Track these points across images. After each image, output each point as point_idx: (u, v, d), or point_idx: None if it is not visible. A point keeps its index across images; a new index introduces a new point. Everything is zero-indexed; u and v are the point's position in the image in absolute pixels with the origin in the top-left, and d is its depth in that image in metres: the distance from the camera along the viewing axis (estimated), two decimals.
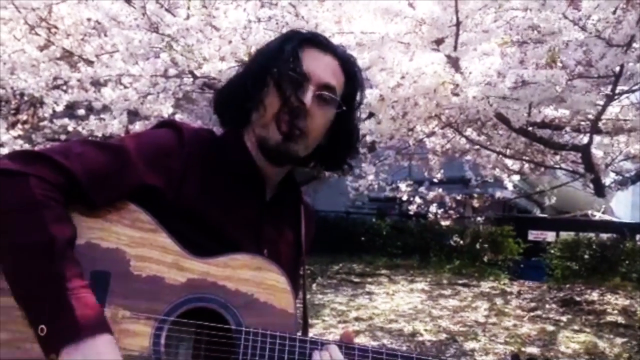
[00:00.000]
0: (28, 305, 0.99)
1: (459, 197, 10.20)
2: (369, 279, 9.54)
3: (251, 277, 1.15)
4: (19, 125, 6.93)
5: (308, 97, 1.19)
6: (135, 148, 1.14)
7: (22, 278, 0.99)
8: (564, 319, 7.37)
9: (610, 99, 5.04)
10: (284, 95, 1.18)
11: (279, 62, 1.19)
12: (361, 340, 6.23)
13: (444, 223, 10.68)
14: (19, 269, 0.99)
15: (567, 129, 6.03)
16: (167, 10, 4.68)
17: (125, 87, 4.94)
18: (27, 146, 5.83)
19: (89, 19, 4.96)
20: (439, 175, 9.01)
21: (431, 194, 9.62)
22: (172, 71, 4.93)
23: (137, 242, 1.11)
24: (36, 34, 5.25)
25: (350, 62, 1.29)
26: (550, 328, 6.95)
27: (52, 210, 1.01)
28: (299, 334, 1.18)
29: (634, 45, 4.17)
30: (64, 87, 5.30)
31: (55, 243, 0.99)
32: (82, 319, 0.97)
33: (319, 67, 1.22)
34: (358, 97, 1.30)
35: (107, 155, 1.11)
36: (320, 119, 1.22)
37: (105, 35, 4.95)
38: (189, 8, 4.70)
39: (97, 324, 0.99)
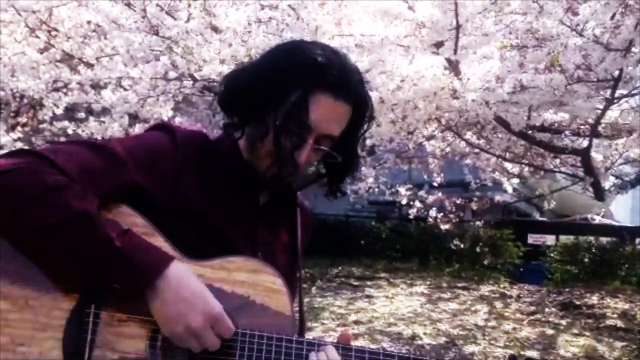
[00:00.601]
0: (87, 274, 1.04)
1: (458, 201, 10.20)
2: (369, 282, 9.53)
3: (247, 279, 1.15)
4: (19, 128, 6.93)
5: (304, 156, 1.17)
6: (125, 148, 1.14)
7: (69, 256, 1.03)
8: (563, 322, 7.36)
9: (609, 102, 5.04)
10: (280, 151, 1.16)
11: (285, 106, 1.14)
12: (360, 343, 6.22)
13: (444, 226, 10.68)
14: (60, 249, 1.02)
15: (567, 132, 6.03)
16: (167, 13, 4.69)
17: (125, 89, 4.94)
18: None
19: (89, 22, 4.96)
20: (438, 179, 9.01)
21: (431, 198, 9.62)
22: (172, 74, 4.94)
23: None
24: (36, 36, 5.26)
25: (364, 104, 1.22)
26: (550, 332, 6.94)
27: (69, 188, 1.03)
28: (296, 335, 1.18)
29: (633, 49, 4.17)
30: (64, 90, 5.31)
31: (88, 212, 1.03)
32: (146, 265, 1.04)
33: (326, 118, 1.16)
34: (363, 129, 1.26)
35: (96, 154, 1.11)
36: (312, 158, 1.22)
37: (106, 38, 4.96)
38: (189, 9, 4.70)
39: (160, 261, 1.06)
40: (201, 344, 1.06)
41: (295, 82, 1.14)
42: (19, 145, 5.79)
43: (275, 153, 1.17)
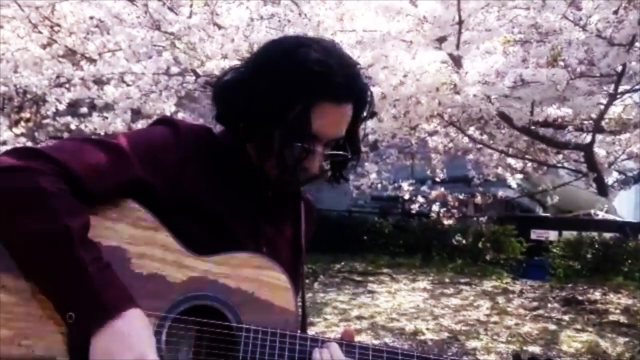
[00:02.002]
0: (52, 294, 1.01)
1: (461, 196, 10.18)
2: (371, 278, 9.53)
3: (251, 275, 1.15)
4: (22, 123, 6.95)
5: (316, 166, 1.18)
6: (129, 144, 1.13)
7: (43, 268, 1.01)
8: (566, 318, 7.35)
9: (612, 98, 5.03)
10: (289, 167, 1.16)
11: (288, 121, 1.13)
12: (363, 338, 6.23)
13: (447, 222, 10.66)
14: (38, 259, 1.00)
15: (570, 128, 6.02)
16: (169, 8, 4.69)
17: (128, 85, 4.95)
18: (29, 144, 5.83)
19: (91, 17, 4.97)
20: (441, 174, 9.00)
21: (433, 193, 9.61)
22: (174, 69, 4.94)
23: (138, 240, 1.11)
24: (39, 32, 5.26)
25: (364, 96, 1.21)
26: (553, 327, 6.94)
27: (61, 198, 1.02)
28: (299, 332, 1.19)
29: (636, 44, 4.16)
30: (67, 85, 5.31)
31: (71, 230, 1.00)
32: (108, 300, 1.00)
33: (332, 124, 1.16)
34: (364, 113, 1.24)
35: (101, 151, 1.11)
36: (319, 162, 1.21)
37: (108, 33, 4.96)
38: (191, 6, 4.70)
39: (123, 300, 1.02)
40: None
41: (296, 96, 1.13)
42: (22, 140, 5.80)
43: (284, 170, 1.17)
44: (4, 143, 5.88)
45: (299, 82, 1.13)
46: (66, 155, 1.07)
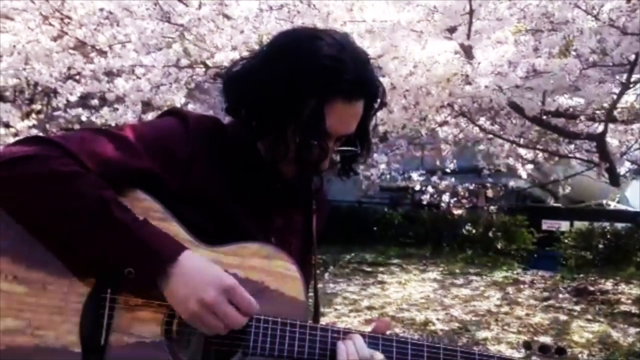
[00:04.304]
0: (101, 261, 1.06)
1: (471, 187, 10.16)
2: (381, 269, 9.55)
3: (261, 265, 1.15)
4: (33, 115, 6.99)
5: (327, 162, 1.20)
6: (137, 135, 1.14)
7: (86, 240, 1.05)
8: (577, 308, 7.33)
9: (625, 87, 4.98)
10: (304, 164, 1.18)
11: (300, 119, 1.13)
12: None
13: (457, 212, 10.65)
14: (77, 234, 1.04)
15: (582, 117, 5.96)
16: (178, 0, 4.69)
17: (138, 77, 4.96)
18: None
19: (101, 9, 4.96)
20: (451, 165, 8.96)
21: (444, 184, 9.59)
22: (184, 61, 4.94)
23: None
24: (50, 24, 5.28)
25: (375, 90, 1.20)
26: (563, 318, 6.93)
27: (83, 176, 1.05)
28: (310, 321, 1.19)
29: None
30: (77, 77, 5.33)
31: (105, 198, 1.05)
32: (161, 250, 1.05)
33: (344, 121, 1.16)
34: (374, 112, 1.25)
35: (109, 141, 1.12)
36: (330, 158, 1.22)
37: (118, 25, 4.96)
38: None
39: (174, 247, 1.07)
40: (223, 321, 1.05)
41: (309, 94, 1.12)
42: (34, 132, 5.84)
43: (299, 167, 1.19)
44: (16, 134, 5.93)
45: (311, 77, 1.11)
46: (74, 145, 1.08)
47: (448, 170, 9.15)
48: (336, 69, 1.12)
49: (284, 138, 1.15)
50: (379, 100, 1.22)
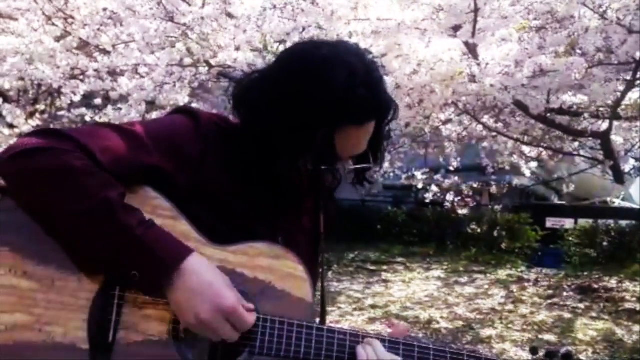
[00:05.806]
0: (108, 260, 1.05)
1: (475, 185, 10.13)
2: (385, 267, 9.54)
3: (269, 265, 1.16)
4: (37, 115, 7.00)
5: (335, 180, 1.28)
6: (148, 132, 1.14)
7: (91, 242, 1.04)
8: (581, 306, 7.31)
9: (630, 85, 4.96)
10: (316, 186, 1.24)
11: (312, 147, 1.13)
12: (377, 327, 6.26)
13: (461, 211, 10.62)
14: (84, 235, 1.04)
15: (586, 115, 5.94)
16: None
17: (142, 77, 4.96)
18: None
19: (105, 9, 4.96)
20: (455, 163, 8.95)
21: (447, 182, 9.56)
22: (187, 60, 4.94)
23: None
24: (53, 24, 5.28)
25: (387, 110, 1.21)
26: (568, 315, 6.91)
27: (93, 173, 1.04)
28: (317, 322, 1.19)
29: None
30: (81, 77, 5.34)
31: (110, 200, 1.04)
32: (164, 256, 1.05)
33: (355, 144, 1.18)
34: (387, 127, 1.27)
35: (120, 136, 1.12)
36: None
37: (122, 25, 4.96)
38: None
39: (178, 254, 1.07)
40: (217, 336, 1.07)
41: (321, 125, 1.12)
42: None
43: (313, 190, 1.25)
44: (20, 135, 5.94)
45: (324, 110, 1.11)
46: (85, 139, 1.08)
47: (452, 169, 9.13)
48: (349, 101, 1.11)
49: (295, 163, 1.16)
50: (390, 116, 1.22)
